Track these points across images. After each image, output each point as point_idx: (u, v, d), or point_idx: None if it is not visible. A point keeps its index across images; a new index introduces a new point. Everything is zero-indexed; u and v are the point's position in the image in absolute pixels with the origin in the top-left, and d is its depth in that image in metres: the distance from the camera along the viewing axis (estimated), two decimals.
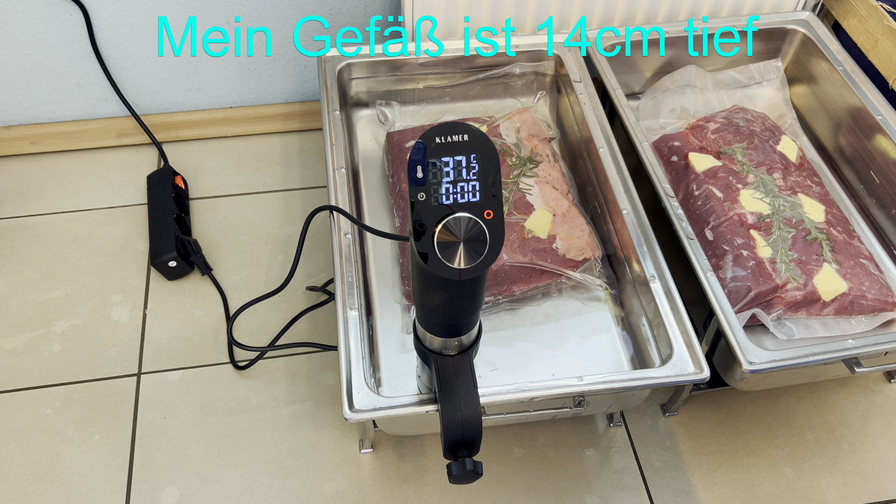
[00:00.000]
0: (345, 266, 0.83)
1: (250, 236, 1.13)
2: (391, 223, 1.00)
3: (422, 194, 0.52)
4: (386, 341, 0.88)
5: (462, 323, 0.62)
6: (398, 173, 0.98)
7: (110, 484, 0.88)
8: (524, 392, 0.74)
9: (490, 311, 0.91)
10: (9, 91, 1.17)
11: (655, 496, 0.89)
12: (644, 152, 0.95)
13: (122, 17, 1.11)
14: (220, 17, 1.13)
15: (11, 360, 0.98)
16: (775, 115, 1.12)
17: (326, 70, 1.04)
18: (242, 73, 1.22)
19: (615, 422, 0.95)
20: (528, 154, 0.97)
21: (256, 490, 0.88)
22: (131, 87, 1.20)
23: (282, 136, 1.28)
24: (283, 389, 0.96)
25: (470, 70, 1.10)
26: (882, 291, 0.87)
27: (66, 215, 1.15)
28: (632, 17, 1.13)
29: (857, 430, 0.95)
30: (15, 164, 1.22)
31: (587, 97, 1.02)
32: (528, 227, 0.89)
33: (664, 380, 0.76)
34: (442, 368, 0.65)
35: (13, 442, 0.91)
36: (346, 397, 0.73)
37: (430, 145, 0.53)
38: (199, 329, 1.02)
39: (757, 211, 0.91)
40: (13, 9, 1.07)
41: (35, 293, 1.05)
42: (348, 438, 0.93)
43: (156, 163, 1.23)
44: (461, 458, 0.64)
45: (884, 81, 1.06)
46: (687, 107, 1.10)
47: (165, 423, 0.93)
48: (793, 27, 1.12)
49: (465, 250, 0.52)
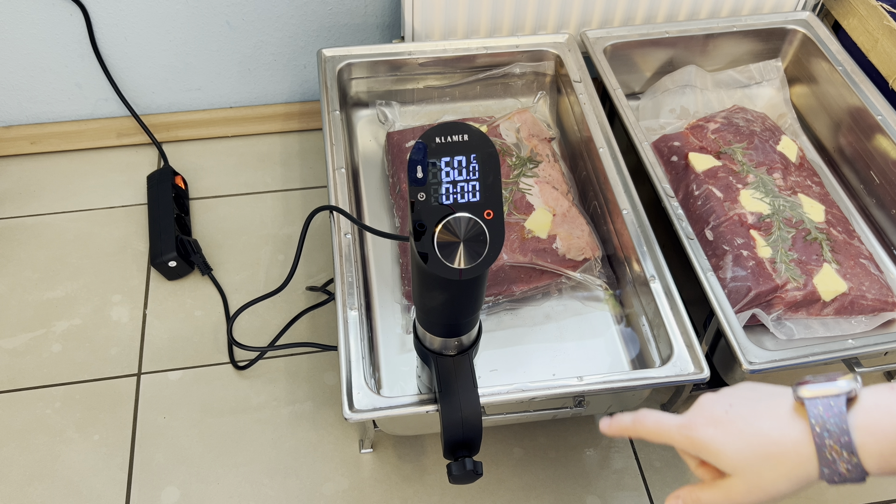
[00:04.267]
0: (345, 266, 0.83)
1: (250, 236, 1.13)
2: (391, 223, 1.00)
3: (422, 194, 0.52)
4: (386, 341, 0.88)
5: (462, 323, 0.62)
6: (398, 173, 0.98)
7: (110, 484, 0.88)
8: (524, 392, 0.74)
9: (490, 312, 0.91)
10: (9, 91, 1.17)
11: (655, 496, 0.89)
12: (644, 152, 0.95)
13: (122, 17, 1.11)
14: (220, 16, 1.13)
15: (11, 360, 0.98)
16: (775, 115, 1.12)
17: (326, 70, 1.04)
18: (242, 73, 1.22)
19: None
20: (528, 154, 0.97)
21: (256, 490, 0.88)
22: (131, 87, 1.20)
23: (282, 136, 1.28)
24: (283, 389, 0.96)
25: (470, 70, 1.10)
26: (882, 291, 0.87)
27: (66, 215, 1.15)
28: (632, 17, 1.13)
29: None
30: (15, 164, 1.22)
31: (587, 97, 1.02)
32: (528, 227, 0.89)
33: (664, 380, 0.76)
34: (442, 368, 0.65)
35: (13, 442, 0.91)
36: (346, 397, 0.73)
37: (430, 145, 0.53)
38: (199, 329, 1.02)
39: (757, 211, 0.91)
40: (13, 9, 1.07)
41: (35, 293, 1.05)
42: (348, 438, 0.92)
43: (156, 163, 1.23)
44: (461, 458, 0.64)
45: (884, 81, 1.06)
46: (687, 107, 1.10)
47: (165, 423, 0.93)
48: (793, 27, 1.12)
49: (465, 250, 0.52)
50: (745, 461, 0.47)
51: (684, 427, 0.49)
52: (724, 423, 0.48)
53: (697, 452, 0.49)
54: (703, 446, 0.48)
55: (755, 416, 0.48)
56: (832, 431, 0.45)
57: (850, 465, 0.45)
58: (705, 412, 0.49)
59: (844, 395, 0.46)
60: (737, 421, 0.48)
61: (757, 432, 0.47)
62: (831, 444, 0.45)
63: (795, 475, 0.47)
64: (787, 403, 0.48)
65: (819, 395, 0.46)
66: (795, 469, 0.47)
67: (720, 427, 0.48)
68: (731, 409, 0.48)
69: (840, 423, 0.45)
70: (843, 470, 0.46)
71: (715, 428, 0.48)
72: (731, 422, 0.48)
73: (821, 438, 0.45)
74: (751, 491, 0.48)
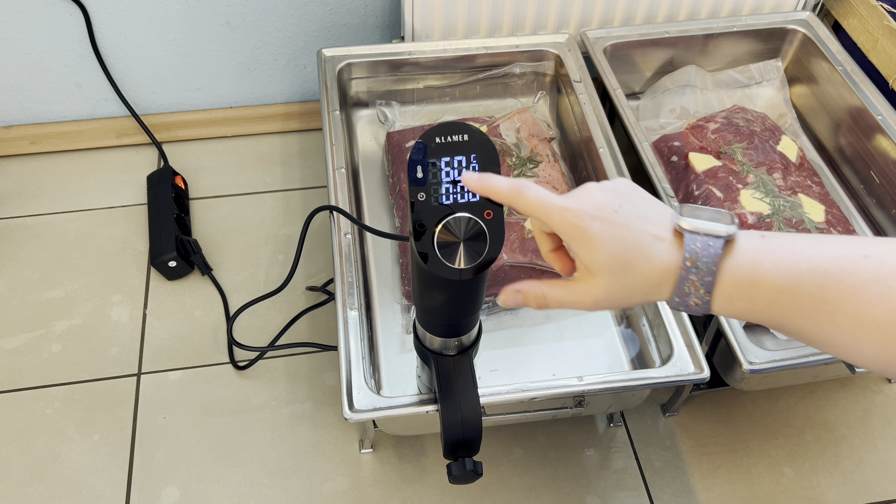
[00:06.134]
0: (345, 266, 0.83)
1: (250, 236, 1.13)
2: (391, 223, 1.00)
3: (422, 194, 0.52)
4: (386, 341, 0.88)
5: (462, 323, 0.62)
6: (398, 173, 0.98)
7: (110, 484, 0.88)
8: (524, 392, 0.74)
9: (490, 312, 0.91)
10: (9, 91, 1.17)
11: (655, 496, 0.89)
12: (644, 152, 0.95)
13: (122, 16, 1.11)
14: (220, 16, 1.13)
15: (11, 360, 0.98)
16: (775, 115, 1.12)
17: (326, 70, 1.04)
18: (242, 73, 1.22)
19: (615, 422, 0.94)
20: (528, 154, 0.97)
21: (256, 490, 0.88)
22: (131, 86, 1.20)
23: (282, 136, 1.28)
24: (283, 389, 0.96)
25: (470, 70, 1.10)
26: None
27: (66, 215, 1.15)
28: (632, 17, 1.13)
29: (857, 430, 0.95)
30: (15, 164, 1.22)
31: (587, 97, 1.02)
32: (528, 227, 0.89)
33: (664, 380, 0.76)
34: (442, 368, 0.65)
35: (13, 442, 0.91)
36: (346, 397, 0.73)
37: (430, 145, 0.53)
38: (199, 329, 1.02)
39: (757, 211, 0.91)
40: (13, 9, 1.07)
41: (35, 293, 1.05)
42: (348, 438, 0.92)
43: (156, 163, 1.23)
44: (461, 458, 0.64)
45: (884, 81, 1.06)
46: (687, 107, 1.10)
47: (165, 424, 0.93)
48: (793, 27, 1.12)
49: (465, 250, 0.52)
50: (616, 265, 0.46)
51: (569, 211, 0.47)
52: (611, 223, 0.46)
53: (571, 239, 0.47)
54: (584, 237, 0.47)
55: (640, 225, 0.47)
56: (700, 269, 0.45)
57: (701, 300, 0.46)
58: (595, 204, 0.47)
59: (724, 238, 0.45)
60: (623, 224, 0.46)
61: (636, 244, 0.46)
62: (693, 280, 0.45)
63: (649, 293, 0.47)
64: (669, 224, 0.47)
65: (700, 230, 0.45)
66: (652, 288, 0.47)
67: (606, 224, 0.46)
68: (621, 210, 0.47)
69: (710, 265, 0.45)
70: (692, 303, 0.46)
71: (601, 223, 0.46)
72: (618, 223, 0.46)
73: (686, 272, 0.45)
74: (606, 297, 0.48)
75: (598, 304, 0.49)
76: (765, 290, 0.45)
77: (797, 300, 0.44)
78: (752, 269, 0.45)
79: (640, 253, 0.46)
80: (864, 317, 0.42)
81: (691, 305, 0.47)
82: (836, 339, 0.44)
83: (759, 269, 0.45)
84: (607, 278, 0.47)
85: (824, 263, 0.43)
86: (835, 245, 0.44)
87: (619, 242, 0.46)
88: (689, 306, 0.47)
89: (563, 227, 0.47)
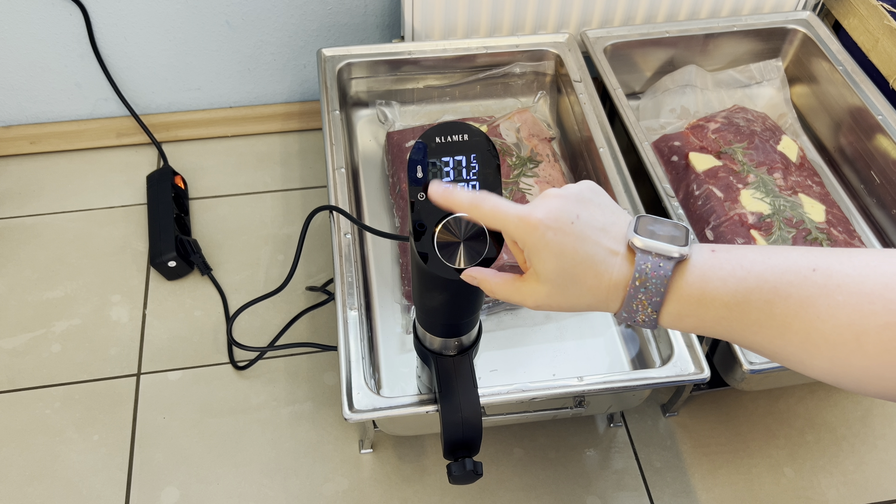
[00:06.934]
0: (345, 266, 0.83)
1: (250, 236, 1.13)
2: (391, 223, 1.00)
3: (422, 194, 0.52)
4: (386, 341, 0.88)
5: (462, 323, 0.62)
6: (398, 173, 0.98)
7: (110, 484, 0.88)
8: (524, 392, 0.74)
9: (490, 312, 0.91)
10: (8, 91, 1.17)
11: (656, 496, 0.89)
12: (644, 152, 0.95)
13: (122, 16, 1.11)
14: (220, 16, 1.13)
15: (11, 360, 0.98)
16: (775, 114, 1.12)
17: (326, 70, 1.04)
18: (242, 72, 1.22)
19: (615, 422, 0.94)
20: (528, 154, 0.97)
21: (256, 490, 0.88)
22: (131, 86, 1.20)
23: (281, 136, 1.27)
24: (282, 389, 0.96)
25: (470, 70, 1.10)
26: None
27: (66, 215, 1.15)
28: (632, 17, 1.13)
29: (857, 430, 0.95)
30: (15, 164, 1.22)
31: (587, 97, 1.02)
32: None
33: (664, 380, 0.76)
34: (442, 369, 0.65)
35: (13, 442, 0.91)
36: (345, 397, 0.73)
37: (430, 145, 0.52)
38: (199, 329, 1.02)
39: (757, 211, 0.90)
40: (13, 9, 1.07)
41: (34, 293, 1.05)
42: (348, 438, 0.92)
43: (155, 163, 1.22)
44: (461, 458, 0.64)
45: (884, 81, 1.05)
46: (687, 106, 1.10)
47: (165, 424, 0.93)
48: (793, 27, 1.12)
49: (465, 250, 0.52)
50: (561, 278, 0.47)
51: (524, 221, 0.47)
52: (564, 234, 0.46)
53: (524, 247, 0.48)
54: (535, 247, 0.47)
55: (596, 238, 0.46)
56: (649, 289, 0.45)
57: (648, 318, 0.46)
58: (552, 214, 0.47)
59: (676, 260, 0.45)
60: (576, 237, 0.46)
61: (587, 258, 0.46)
62: (641, 299, 0.45)
63: (594, 305, 0.48)
64: (622, 237, 0.47)
65: (652, 250, 0.45)
66: (598, 302, 0.48)
67: (560, 235, 0.46)
68: (578, 221, 0.46)
69: (659, 287, 0.45)
70: (640, 319, 0.46)
71: (555, 234, 0.46)
72: (571, 234, 0.46)
73: (635, 290, 0.45)
74: (548, 303, 0.49)
75: (540, 306, 0.50)
76: (713, 307, 0.44)
77: (745, 316, 0.44)
78: (701, 287, 0.45)
79: (589, 269, 0.46)
80: (813, 332, 0.42)
81: (639, 321, 0.47)
82: (787, 352, 0.43)
83: (707, 286, 0.44)
84: (550, 288, 0.48)
85: (772, 278, 0.43)
86: (784, 258, 0.44)
87: (569, 256, 0.46)
88: (636, 322, 0.47)
89: (517, 236, 0.48)
